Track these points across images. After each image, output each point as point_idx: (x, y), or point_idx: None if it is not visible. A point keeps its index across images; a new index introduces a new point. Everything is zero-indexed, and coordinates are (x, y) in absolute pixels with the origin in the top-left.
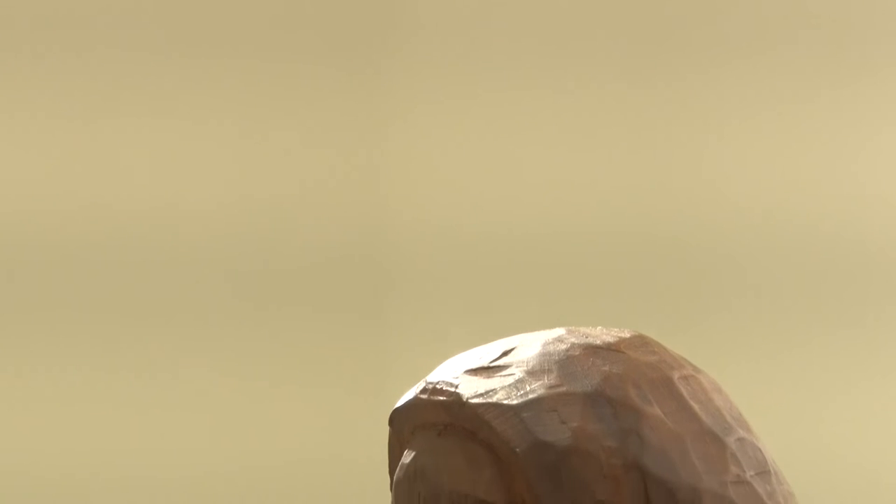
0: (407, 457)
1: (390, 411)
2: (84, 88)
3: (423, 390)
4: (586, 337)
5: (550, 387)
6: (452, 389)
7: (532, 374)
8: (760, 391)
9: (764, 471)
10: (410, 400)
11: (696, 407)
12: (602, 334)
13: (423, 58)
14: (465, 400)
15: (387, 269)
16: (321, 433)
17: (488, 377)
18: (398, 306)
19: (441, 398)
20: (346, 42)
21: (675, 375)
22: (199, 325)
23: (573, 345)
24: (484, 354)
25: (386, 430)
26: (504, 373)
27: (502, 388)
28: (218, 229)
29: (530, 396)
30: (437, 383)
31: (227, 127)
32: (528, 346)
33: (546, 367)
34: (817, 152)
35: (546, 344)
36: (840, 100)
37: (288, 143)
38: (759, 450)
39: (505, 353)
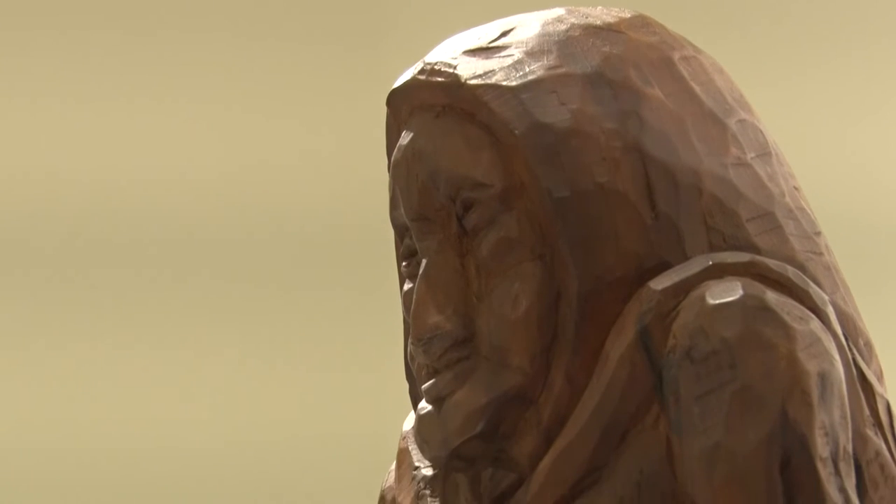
0: (405, 138)
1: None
2: (91, 68)
3: (421, 71)
4: (586, 17)
5: (550, 68)
6: (450, 70)
7: (531, 54)
8: None
9: (765, 152)
10: (408, 80)
11: (696, 88)
12: (602, 14)
13: (421, 32)
14: (463, 81)
15: (387, 247)
16: (322, 408)
17: (487, 58)
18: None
19: (439, 79)
20: (345, 17)
21: (676, 56)
22: (201, 309)
23: (573, 25)
24: (482, 35)
25: (388, 407)
26: (503, 53)
27: (501, 69)
28: (220, 212)
29: (529, 78)
30: (435, 64)
31: (228, 107)
32: (528, 27)
33: (545, 48)
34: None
35: (545, 24)
36: (842, 72)
37: (287, 124)
38: (761, 132)
39: (504, 34)
